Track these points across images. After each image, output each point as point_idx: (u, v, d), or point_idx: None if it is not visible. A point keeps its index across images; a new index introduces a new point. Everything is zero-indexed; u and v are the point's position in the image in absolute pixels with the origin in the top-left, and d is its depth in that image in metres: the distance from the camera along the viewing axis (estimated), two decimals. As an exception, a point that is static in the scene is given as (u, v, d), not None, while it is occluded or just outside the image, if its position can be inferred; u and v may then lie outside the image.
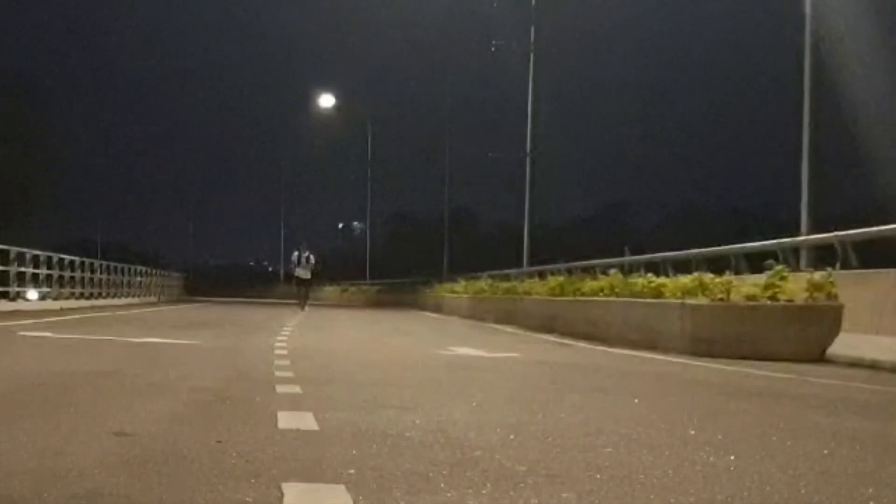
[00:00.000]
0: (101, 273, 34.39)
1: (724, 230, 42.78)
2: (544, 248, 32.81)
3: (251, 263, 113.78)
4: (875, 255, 11.87)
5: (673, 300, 12.47)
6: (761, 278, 12.02)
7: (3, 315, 19.05)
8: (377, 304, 45.95)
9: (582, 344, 13.63)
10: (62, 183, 68.53)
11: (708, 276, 12.51)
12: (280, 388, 6.26)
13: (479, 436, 4.43)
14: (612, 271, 16.78)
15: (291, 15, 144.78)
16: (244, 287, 67.94)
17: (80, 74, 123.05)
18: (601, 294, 15.64)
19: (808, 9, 14.77)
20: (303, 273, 29.40)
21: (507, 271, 29.79)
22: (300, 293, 29.61)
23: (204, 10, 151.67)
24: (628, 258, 19.69)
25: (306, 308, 27.99)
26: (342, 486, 3.25)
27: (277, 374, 7.35)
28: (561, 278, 19.72)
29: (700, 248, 16.49)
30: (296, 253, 29.88)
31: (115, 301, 34.27)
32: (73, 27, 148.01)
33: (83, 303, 29.69)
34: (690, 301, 11.95)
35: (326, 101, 53.67)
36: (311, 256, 29.62)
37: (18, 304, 23.66)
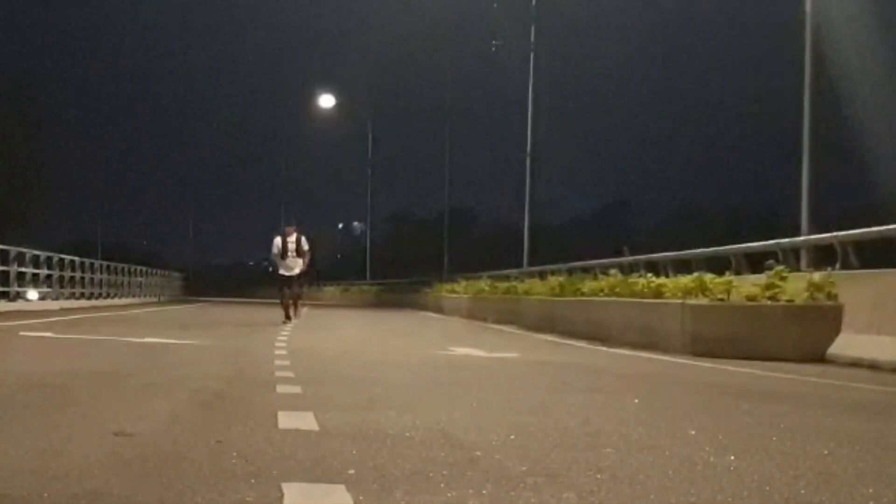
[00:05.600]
0: (101, 273, 34.42)
1: (723, 230, 42.84)
2: (544, 248, 32.86)
3: (251, 263, 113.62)
4: (875, 255, 11.87)
5: (673, 300, 12.46)
6: (761, 278, 12.02)
7: (3, 315, 19.06)
8: (377, 304, 45.99)
9: (582, 344, 13.63)
10: (62, 183, 68.60)
11: (708, 277, 12.51)
12: (280, 388, 6.26)
13: (480, 436, 4.43)
14: (613, 271, 16.79)
15: (292, 15, 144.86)
16: (244, 287, 67.95)
17: (80, 74, 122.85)
18: (601, 294, 15.64)
19: (808, 8, 14.78)
20: (290, 267, 18.75)
21: (507, 271, 29.79)
22: (288, 295, 19.06)
23: (204, 9, 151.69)
24: (628, 258, 19.70)
25: (300, 314, 20.19)
26: (342, 486, 3.25)
27: (277, 374, 7.36)
28: (561, 278, 19.73)
29: (700, 248, 16.49)
30: (278, 238, 18.87)
31: (116, 301, 34.30)
32: (73, 27, 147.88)
33: (83, 303, 29.72)
34: (691, 301, 11.95)
35: (326, 101, 53.87)
36: (304, 241, 18.80)
37: (19, 304, 23.69)
